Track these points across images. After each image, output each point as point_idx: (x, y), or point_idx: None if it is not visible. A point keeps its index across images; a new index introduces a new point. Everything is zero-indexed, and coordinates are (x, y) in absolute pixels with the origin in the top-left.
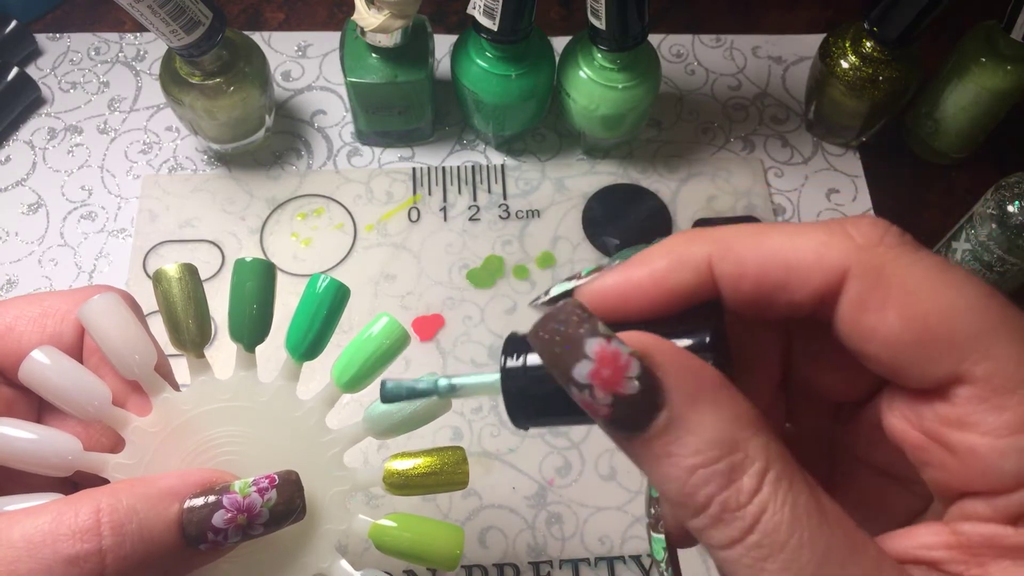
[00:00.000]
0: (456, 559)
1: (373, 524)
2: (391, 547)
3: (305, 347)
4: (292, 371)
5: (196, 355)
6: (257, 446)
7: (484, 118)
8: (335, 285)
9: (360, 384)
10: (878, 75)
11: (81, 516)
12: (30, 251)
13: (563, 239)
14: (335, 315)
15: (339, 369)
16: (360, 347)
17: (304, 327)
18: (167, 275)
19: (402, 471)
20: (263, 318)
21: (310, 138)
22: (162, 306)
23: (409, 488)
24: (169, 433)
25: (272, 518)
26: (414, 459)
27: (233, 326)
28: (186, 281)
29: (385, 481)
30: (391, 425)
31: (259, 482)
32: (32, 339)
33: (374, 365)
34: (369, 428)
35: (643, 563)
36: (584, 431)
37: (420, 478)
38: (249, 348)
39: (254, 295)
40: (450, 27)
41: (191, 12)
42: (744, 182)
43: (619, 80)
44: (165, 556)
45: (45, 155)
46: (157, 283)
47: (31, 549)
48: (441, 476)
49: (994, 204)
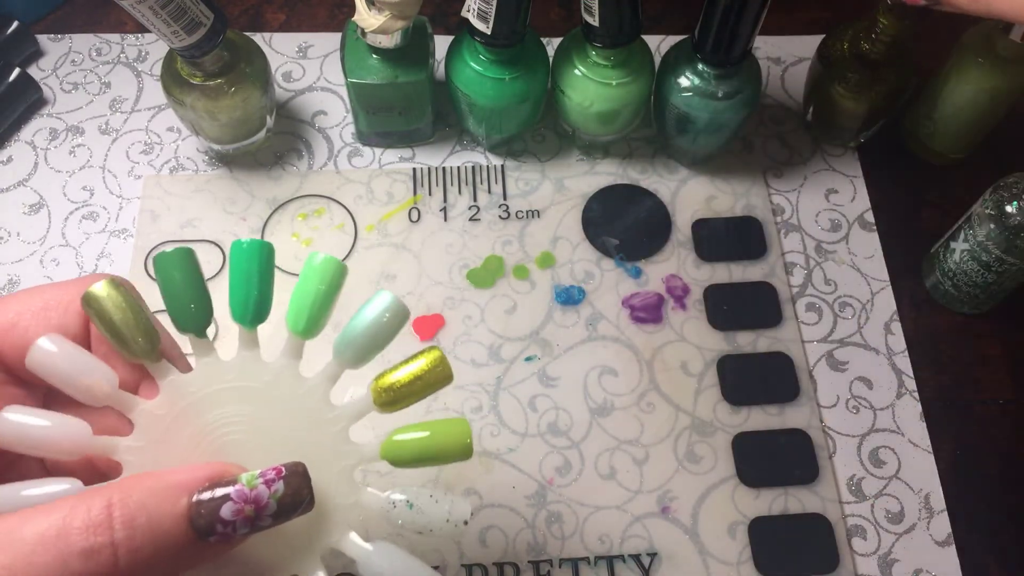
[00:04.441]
0: (469, 447)
1: (383, 442)
2: (405, 456)
3: (303, 324)
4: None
5: (152, 360)
6: (263, 425)
7: (477, 121)
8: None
9: (316, 327)
10: (877, 76)
11: (93, 511)
12: (32, 251)
13: (563, 239)
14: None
15: (291, 318)
16: (302, 289)
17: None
18: (95, 296)
19: (387, 384)
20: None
21: (311, 139)
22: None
23: (399, 400)
24: (176, 415)
25: (280, 509)
26: (395, 372)
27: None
28: (115, 296)
29: (375, 403)
30: (356, 349)
31: (266, 474)
32: (37, 332)
33: (323, 304)
34: (338, 359)
35: (642, 562)
36: (584, 430)
37: (406, 386)
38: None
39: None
40: (450, 28)
41: (192, 13)
42: (743, 182)
43: (613, 76)
44: (175, 548)
45: (47, 155)
46: (87, 306)
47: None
48: (426, 377)
49: (992, 204)
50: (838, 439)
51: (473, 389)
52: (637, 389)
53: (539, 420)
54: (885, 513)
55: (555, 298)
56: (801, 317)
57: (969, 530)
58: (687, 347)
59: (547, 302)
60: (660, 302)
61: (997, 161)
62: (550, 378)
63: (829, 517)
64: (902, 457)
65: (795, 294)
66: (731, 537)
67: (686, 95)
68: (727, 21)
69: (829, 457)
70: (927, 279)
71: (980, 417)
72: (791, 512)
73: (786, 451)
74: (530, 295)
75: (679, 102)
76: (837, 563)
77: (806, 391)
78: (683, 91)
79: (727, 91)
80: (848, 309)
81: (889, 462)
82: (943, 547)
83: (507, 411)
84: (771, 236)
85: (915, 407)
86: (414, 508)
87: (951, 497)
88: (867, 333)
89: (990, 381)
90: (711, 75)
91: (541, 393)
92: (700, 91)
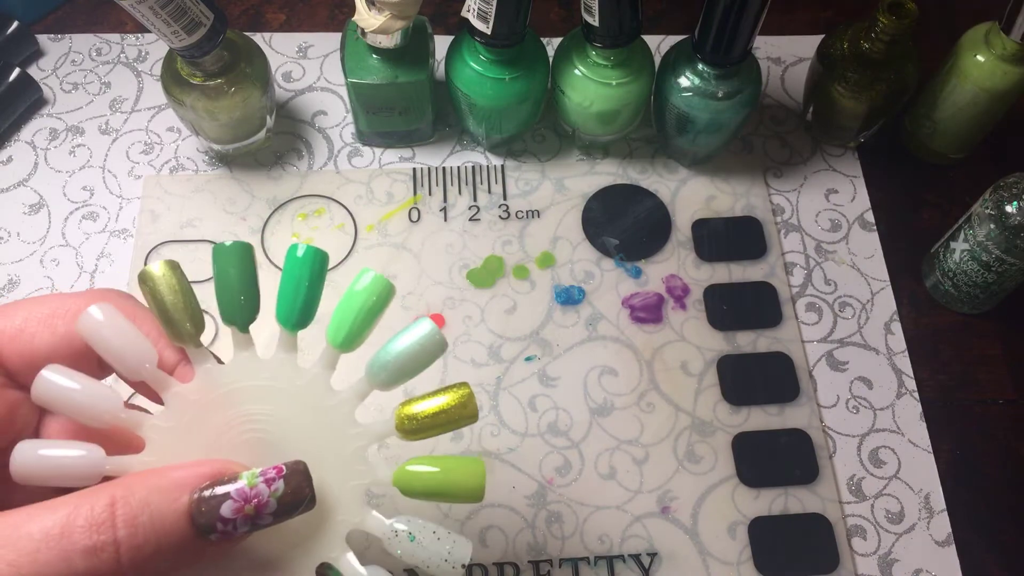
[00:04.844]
0: (481, 490)
1: (396, 470)
2: (415, 488)
3: (343, 337)
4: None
5: (195, 346)
6: (286, 428)
7: (477, 121)
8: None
9: (355, 342)
10: (876, 76)
11: (97, 509)
12: (32, 251)
13: (563, 239)
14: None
15: (332, 330)
16: (348, 304)
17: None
18: (151, 275)
19: (411, 413)
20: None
21: (311, 139)
22: (152, 306)
23: (420, 431)
24: (207, 403)
25: (280, 508)
26: (421, 402)
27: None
28: (170, 277)
29: (398, 428)
30: (390, 372)
31: (267, 472)
32: (44, 340)
33: (365, 320)
34: (370, 379)
35: (642, 562)
36: (584, 430)
37: (430, 418)
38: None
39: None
40: (450, 28)
41: (192, 13)
42: (743, 182)
43: (613, 76)
44: (177, 545)
45: (47, 155)
46: (143, 283)
47: (49, 541)
48: (451, 412)
49: (992, 204)
50: (838, 439)
51: (473, 389)
52: (637, 389)
53: (539, 420)
54: (885, 513)
55: (555, 298)
56: (801, 317)
57: (969, 530)
58: (687, 347)
59: (547, 302)
60: (660, 302)
61: (997, 161)
62: (550, 378)
63: (829, 517)
64: (902, 457)
65: (795, 294)
66: (731, 537)
67: (686, 95)
68: (727, 21)
69: (829, 457)
70: (927, 279)
71: (980, 417)
72: (791, 512)
73: (786, 451)
74: (530, 295)
75: (679, 102)
76: (837, 563)
77: (806, 391)
78: (683, 91)
79: (727, 91)
80: (848, 309)
81: (889, 462)
82: (943, 547)
83: (507, 411)
84: (771, 236)
85: (915, 407)
86: (415, 541)
87: (951, 497)
88: (867, 333)
89: (990, 381)
90: (711, 75)
91: (541, 393)
92: (700, 91)
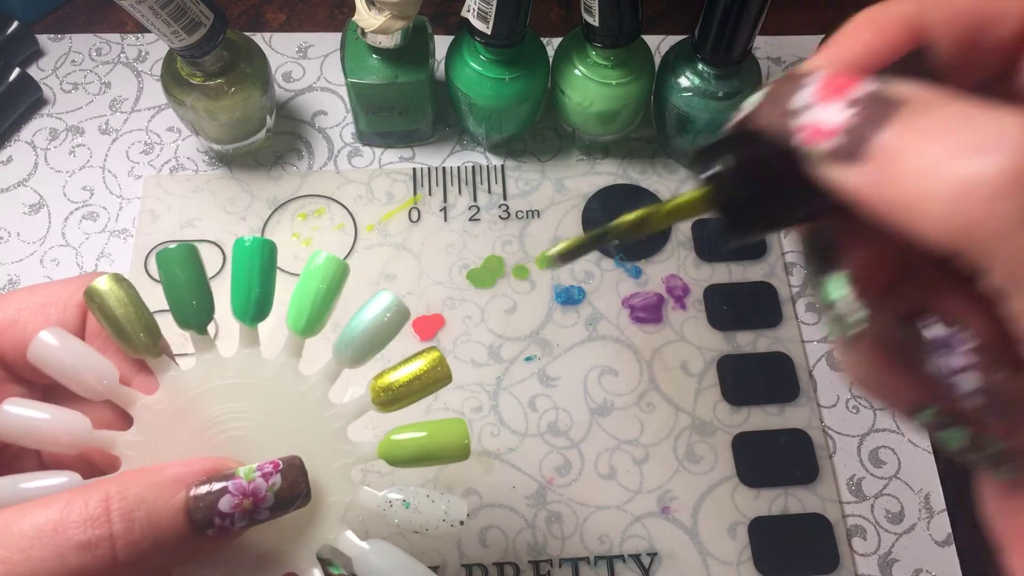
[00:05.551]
0: (467, 448)
1: (381, 441)
2: (402, 456)
3: (304, 322)
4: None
5: (153, 356)
6: (261, 421)
7: (477, 121)
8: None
9: (316, 325)
10: None
11: (91, 504)
12: (32, 251)
13: (563, 239)
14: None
15: (292, 317)
16: (304, 289)
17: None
18: (98, 291)
19: (386, 384)
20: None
21: (311, 139)
22: (104, 322)
23: (397, 400)
24: (176, 410)
25: (277, 503)
26: (394, 372)
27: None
28: (118, 291)
29: (374, 402)
30: (356, 348)
31: (263, 467)
32: (37, 328)
33: (323, 302)
34: (338, 359)
35: (642, 562)
36: (584, 430)
37: (405, 386)
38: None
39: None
40: (450, 28)
41: (192, 13)
42: None
43: (613, 76)
44: (174, 541)
45: (47, 155)
46: (90, 301)
47: (43, 537)
48: (424, 377)
49: None
50: (838, 439)
51: (473, 389)
52: (637, 389)
53: (539, 420)
54: (885, 513)
55: (555, 298)
56: (801, 317)
57: (969, 530)
58: (687, 347)
59: (547, 302)
60: (660, 302)
61: None
62: (550, 378)
63: (829, 517)
64: (902, 457)
65: (795, 294)
66: (731, 537)
67: (686, 95)
68: (727, 21)
69: (829, 457)
70: None
71: None
72: (791, 512)
73: (786, 451)
74: (530, 295)
75: (679, 102)
76: (837, 563)
77: (806, 391)
78: (683, 91)
79: (727, 91)
80: None
81: (889, 462)
82: (943, 547)
83: (507, 411)
84: (771, 236)
85: None
86: (410, 507)
87: (951, 497)
88: None
89: None
90: (711, 75)
91: (541, 393)
92: (700, 91)
